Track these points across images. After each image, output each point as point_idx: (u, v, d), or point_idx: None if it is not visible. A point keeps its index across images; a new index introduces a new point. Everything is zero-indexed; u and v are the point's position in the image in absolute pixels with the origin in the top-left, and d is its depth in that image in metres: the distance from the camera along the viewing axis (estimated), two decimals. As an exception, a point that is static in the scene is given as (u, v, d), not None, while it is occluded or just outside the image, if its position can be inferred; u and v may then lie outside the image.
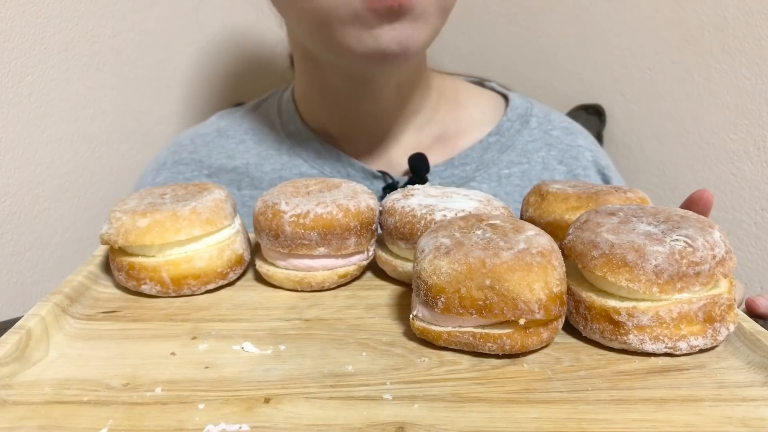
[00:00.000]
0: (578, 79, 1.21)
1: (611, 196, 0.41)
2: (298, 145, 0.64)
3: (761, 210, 0.99)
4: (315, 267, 0.41)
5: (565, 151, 0.66)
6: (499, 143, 0.64)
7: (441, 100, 0.66)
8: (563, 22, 1.18)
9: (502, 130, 0.65)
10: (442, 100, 0.66)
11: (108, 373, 0.32)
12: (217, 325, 0.37)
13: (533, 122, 0.67)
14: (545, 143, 0.66)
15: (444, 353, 0.34)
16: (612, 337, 0.33)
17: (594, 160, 0.66)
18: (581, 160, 0.66)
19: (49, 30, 0.72)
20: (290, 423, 0.28)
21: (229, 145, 0.66)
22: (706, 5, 1.01)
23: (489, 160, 0.64)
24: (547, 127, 0.67)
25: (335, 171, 0.63)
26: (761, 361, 0.33)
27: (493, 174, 0.63)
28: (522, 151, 0.65)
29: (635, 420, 0.28)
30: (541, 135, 0.66)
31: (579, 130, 0.69)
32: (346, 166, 0.63)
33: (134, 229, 0.39)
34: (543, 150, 0.65)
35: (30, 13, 0.70)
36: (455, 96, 0.68)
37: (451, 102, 0.67)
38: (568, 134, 0.67)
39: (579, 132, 0.69)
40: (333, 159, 0.63)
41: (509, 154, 0.64)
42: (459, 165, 0.63)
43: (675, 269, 0.32)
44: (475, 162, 0.63)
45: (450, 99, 0.67)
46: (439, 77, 0.67)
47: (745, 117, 0.99)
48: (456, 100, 0.67)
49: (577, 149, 0.66)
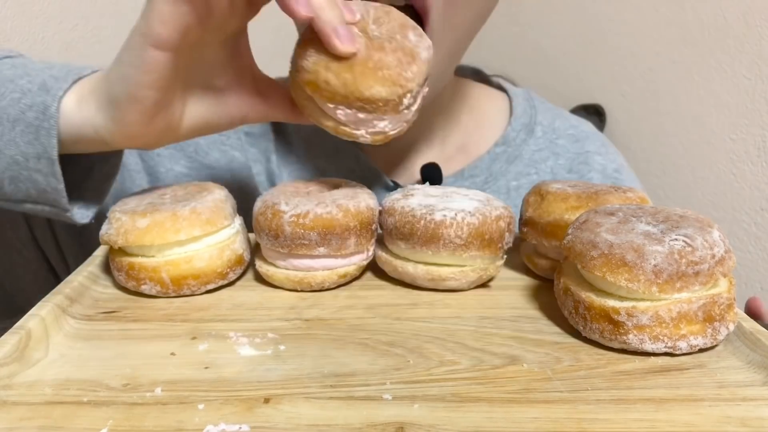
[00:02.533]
0: (578, 79, 1.21)
1: (611, 196, 0.41)
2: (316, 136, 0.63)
3: (761, 210, 0.99)
4: (315, 267, 0.41)
5: (573, 159, 0.65)
6: (506, 154, 0.63)
7: (463, 109, 0.65)
8: (563, 22, 1.19)
9: (508, 140, 0.64)
10: (464, 108, 0.65)
11: (108, 373, 0.32)
12: (217, 325, 0.37)
13: (538, 131, 0.65)
14: (552, 152, 0.65)
15: (444, 353, 0.34)
16: (612, 336, 0.33)
17: (604, 164, 0.65)
18: (592, 164, 0.65)
19: (49, 30, 0.72)
20: (290, 423, 0.28)
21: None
22: (706, 5, 1.01)
23: (497, 171, 0.63)
24: (552, 137, 0.66)
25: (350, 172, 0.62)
26: (761, 361, 0.33)
27: (501, 186, 0.63)
28: (530, 161, 0.64)
29: (635, 420, 0.28)
30: (547, 144, 0.65)
31: (586, 135, 0.67)
32: (363, 169, 0.62)
33: (134, 229, 0.39)
34: (550, 159, 0.64)
35: (30, 13, 0.70)
36: (476, 102, 0.66)
37: (472, 109, 0.65)
38: (575, 142, 0.66)
39: (586, 137, 0.67)
40: (351, 158, 0.62)
41: (517, 164, 0.63)
42: (469, 177, 0.62)
43: (674, 269, 0.32)
44: (484, 174, 0.63)
45: (472, 106, 0.66)
46: (460, 82, 0.65)
47: (745, 117, 0.99)
48: (476, 106, 0.66)
49: (586, 155, 0.65)
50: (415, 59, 0.38)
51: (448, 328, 0.37)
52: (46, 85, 0.39)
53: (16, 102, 0.39)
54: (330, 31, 0.35)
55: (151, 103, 0.37)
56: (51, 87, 0.39)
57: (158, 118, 0.39)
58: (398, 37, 0.38)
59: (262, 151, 0.64)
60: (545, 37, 1.16)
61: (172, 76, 0.37)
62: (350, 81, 0.36)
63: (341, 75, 0.36)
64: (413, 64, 0.37)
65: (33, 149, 0.39)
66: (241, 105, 0.42)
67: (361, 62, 0.36)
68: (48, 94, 0.39)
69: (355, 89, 0.36)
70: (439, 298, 0.41)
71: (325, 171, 0.63)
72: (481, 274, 0.41)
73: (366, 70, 0.36)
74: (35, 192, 0.41)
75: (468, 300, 0.41)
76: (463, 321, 0.38)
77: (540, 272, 0.44)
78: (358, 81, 0.36)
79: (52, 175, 0.40)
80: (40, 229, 0.58)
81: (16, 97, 0.39)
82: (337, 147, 0.62)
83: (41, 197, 0.42)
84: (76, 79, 0.40)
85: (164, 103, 0.38)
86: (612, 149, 0.69)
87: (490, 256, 0.41)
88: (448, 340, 0.35)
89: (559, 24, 1.17)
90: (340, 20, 0.36)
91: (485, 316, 0.39)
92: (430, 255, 0.40)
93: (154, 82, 0.36)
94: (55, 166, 0.40)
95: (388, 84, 0.36)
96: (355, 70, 0.36)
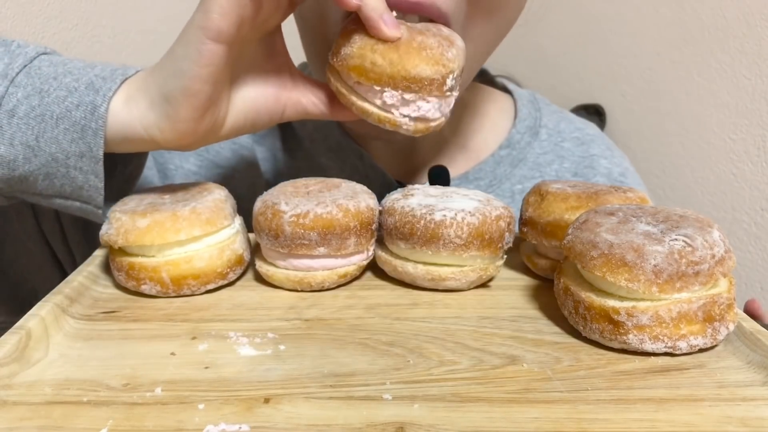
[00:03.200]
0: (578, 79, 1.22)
1: (611, 196, 0.41)
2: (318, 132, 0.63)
3: (761, 210, 0.99)
4: (315, 267, 0.41)
5: (578, 162, 0.65)
6: (510, 156, 0.63)
7: (468, 110, 0.64)
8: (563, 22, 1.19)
9: (512, 143, 0.64)
10: (470, 110, 0.65)
11: (108, 373, 0.32)
12: (217, 325, 0.37)
13: (543, 134, 0.65)
14: (557, 155, 0.64)
15: (444, 353, 0.34)
16: (611, 336, 0.33)
17: (610, 168, 0.65)
18: (597, 168, 0.64)
19: (49, 30, 0.72)
20: (290, 423, 0.28)
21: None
22: (706, 5, 1.01)
23: (502, 174, 0.62)
24: (557, 139, 0.65)
25: (354, 170, 0.62)
26: (761, 361, 0.33)
27: (506, 189, 0.62)
28: (534, 165, 0.63)
29: (635, 420, 0.28)
30: (552, 147, 0.65)
31: (591, 138, 0.67)
32: (367, 168, 0.62)
33: (134, 229, 0.39)
34: (555, 163, 0.64)
35: (30, 13, 0.70)
36: (481, 104, 0.66)
37: (477, 111, 0.65)
38: (580, 145, 0.66)
39: (591, 140, 0.67)
40: (355, 156, 0.62)
41: (521, 168, 0.63)
42: (473, 180, 0.62)
43: (674, 269, 0.32)
44: (489, 177, 0.62)
45: (477, 108, 0.65)
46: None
47: (745, 117, 0.99)
48: (481, 108, 0.66)
49: (591, 159, 0.65)
50: (453, 44, 0.41)
51: (448, 328, 0.37)
52: (93, 84, 0.40)
53: (62, 100, 0.39)
54: (377, 17, 0.38)
55: (206, 98, 0.38)
56: (100, 87, 0.39)
57: (208, 115, 0.39)
58: (433, 29, 0.41)
59: (270, 150, 0.64)
60: (545, 37, 1.16)
61: (225, 71, 0.38)
62: (396, 60, 0.38)
63: (387, 55, 0.39)
64: (452, 47, 0.40)
65: (77, 147, 0.40)
66: (279, 102, 0.43)
67: (405, 43, 0.39)
68: (97, 93, 0.39)
69: (401, 68, 0.38)
70: (439, 298, 0.41)
71: (329, 169, 0.62)
72: (481, 274, 0.41)
73: (411, 50, 0.39)
74: (70, 189, 0.42)
75: (468, 300, 0.41)
76: (463, 321, 0.38)
77: (540, 272, 0.44)
78: (404, 60, 0.38)
79: (94, 173, 0.41)
80: (48, 222, 0.58)
81: (62, 95, 0.39)
82: (340, 145, 0.62)
83: (75, 194, 0.42)
84: (124, 79, 0.40)
85: (215, 99, 0.39)
86: (618, 153, 0.68)
87: (490, 256, 0.41)
88: (448, 340, 0.35)
89: (559, 24, 1.17)
90: (385, 8, 0.38)
91: (485, 316, 0.39)
92: (429, 255, 0.40)
93: (210, 76, 0.37)
94: (99, 164, 0.40)
95: (432, 63, 0.39)
96: (401, 50, 0.39)
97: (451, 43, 0.40)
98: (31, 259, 0.60)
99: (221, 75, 0.38)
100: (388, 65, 0.39)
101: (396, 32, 0.38)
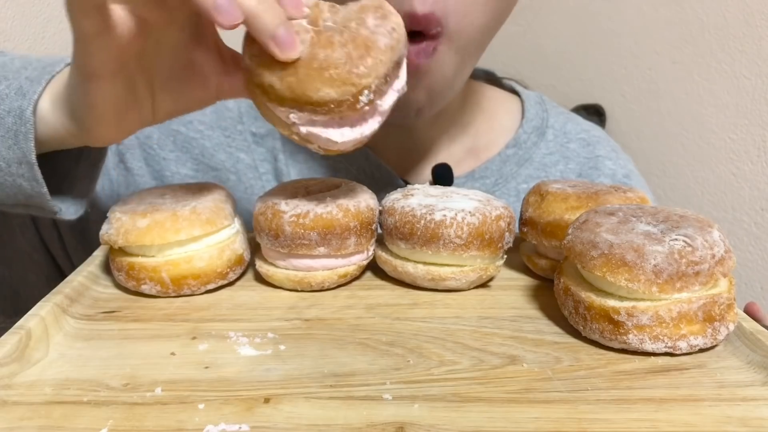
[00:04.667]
0: (578, 79, 1.22)
1: (611, 196, 0.41)
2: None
3: (761, 210, 0.99)
4: (315, 267, 0.41)
5: (583, 163, 0.65)
6: (516, 156, 0.63)
7: (475, 111, 0.64)
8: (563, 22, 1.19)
9: (519, 142, 0.64)
10: (477, 111, 0.65)
11: (108, 373, 0.32)
12: (217, 325, 0.37)
13: (549, 134, 0.65)
14: (562, 156, 0.65)
15: (444, 353, 0.34)
16: (612, 336, 0.33)
17: (614, 169, 0.65)
18: (602, 169, 0.65)
19: (49, 30, 0.72)
20: (290, 423, 0.28)
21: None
22: (706, 5, 1.01)
23: (508, 173, 0.63)
24: (563, 140, 0.66)
25: (361, 171, 0.62)
26: (761, 361, 0.33)
27: (511, 188, 0.63)
28: (540, 165, 0.64)
29: (635, 420, 0.28)
30: (558, 148, 0.65)
31: (597, 140, 0.67)
32: (373, 168, 0.61)
33: (134, 229, 0.39)
34: (561, 163, 0.64)
35: (30, 13, 0.70)
36: (488, 105, 0.66)
37: (484, 112, 0.65)
38: (585, 146, 0.66)
39: (597, 142, 0.67)
40: (361, 157, 0.62)
41: (527, 167, 0.63)
42: (479, 178, 0.62)
43: (674, 269, 0.32)
44: (495, 175, 0.63)
45: (484, 109, 0.65)
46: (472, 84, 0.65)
47: (745, 117, 0.99)
48: (488, 109, 0.66)
49: (596, 160, 0.65)
50: (371, 50, 0.34)
51: (448, 328, 0.37)
52: (22, 89, 0.39)
53: None
54: (267, 39, 0.32)
55: (114, 112, 0.37)
56: (27, 90, 0.39)
57: (129, 116, 0.38)
58: (353, 26, 0.35)
59: (269, 151, 0.64)
60: (545, 37, 1.16)
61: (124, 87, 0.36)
62: (295, 85, 0.33)
63: (285, 79, 0.34)
64: (367, 57, 0.34)
65: (13, 154, 0.39)
66: (211, 84, 0.41)
67: (305, 63, 0.33)
68: (24, 98, 0.39)
69: (301, 93, 0.34)
70: (439, 298, 0.41)
71: (335, 169, 0.62)
72: (481, 274, 0.41)
73: (311, 71, 0.33)
74: (23, 197, 0.41)
75: (468, 300, 0.41)
76: (462, 321, 0.38)
77: (540, 272, 0.44)
78: (304, 84, 0.33)
79: (34, 179, 0.40)
80: (47, 230, 0.58)
81: None
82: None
83: (29, 201, 0.42)
84: (49, 80, 0.40)
85: (129, 105, 0.37)
86: (622, 155, 0.69)
87: (490, 256, 0.41)
88: (448, 340, 0.35)
89: (559, 24, 1.18)
90: (279, 22, 0.32)
91: (485, 316, 0.39)
92: (430, 255, 0.40)
93: (106, 101, 0.36)
94: (34, 169, 0.40)
95: (337, 84, 0.33)
96: (299, 73, 0.33)
97: (367, 51, 0.34)
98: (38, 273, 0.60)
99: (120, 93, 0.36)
100: (287, 90, 0.34)
101: (291, 52, 0.33)
